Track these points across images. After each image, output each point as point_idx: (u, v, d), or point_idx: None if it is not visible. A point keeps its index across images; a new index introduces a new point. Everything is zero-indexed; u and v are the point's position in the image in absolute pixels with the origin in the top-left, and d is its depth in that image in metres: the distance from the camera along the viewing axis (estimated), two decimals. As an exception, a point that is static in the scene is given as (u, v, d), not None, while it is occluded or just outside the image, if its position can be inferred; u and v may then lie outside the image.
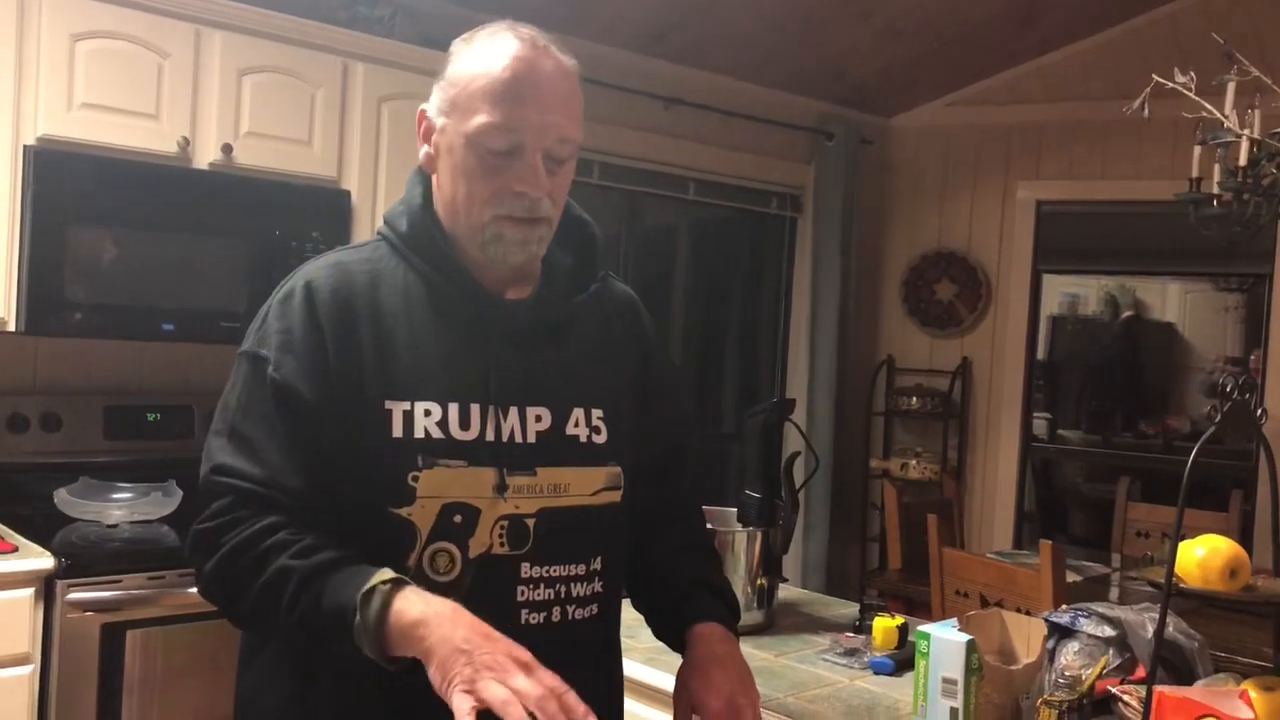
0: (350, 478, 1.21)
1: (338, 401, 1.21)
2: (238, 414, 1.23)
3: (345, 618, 1.10)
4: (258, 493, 1.19)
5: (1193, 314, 7.90)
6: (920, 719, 1.56)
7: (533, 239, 1.27)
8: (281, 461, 1.19)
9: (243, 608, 1.19)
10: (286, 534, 1.17)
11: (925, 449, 4.95)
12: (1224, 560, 1.38)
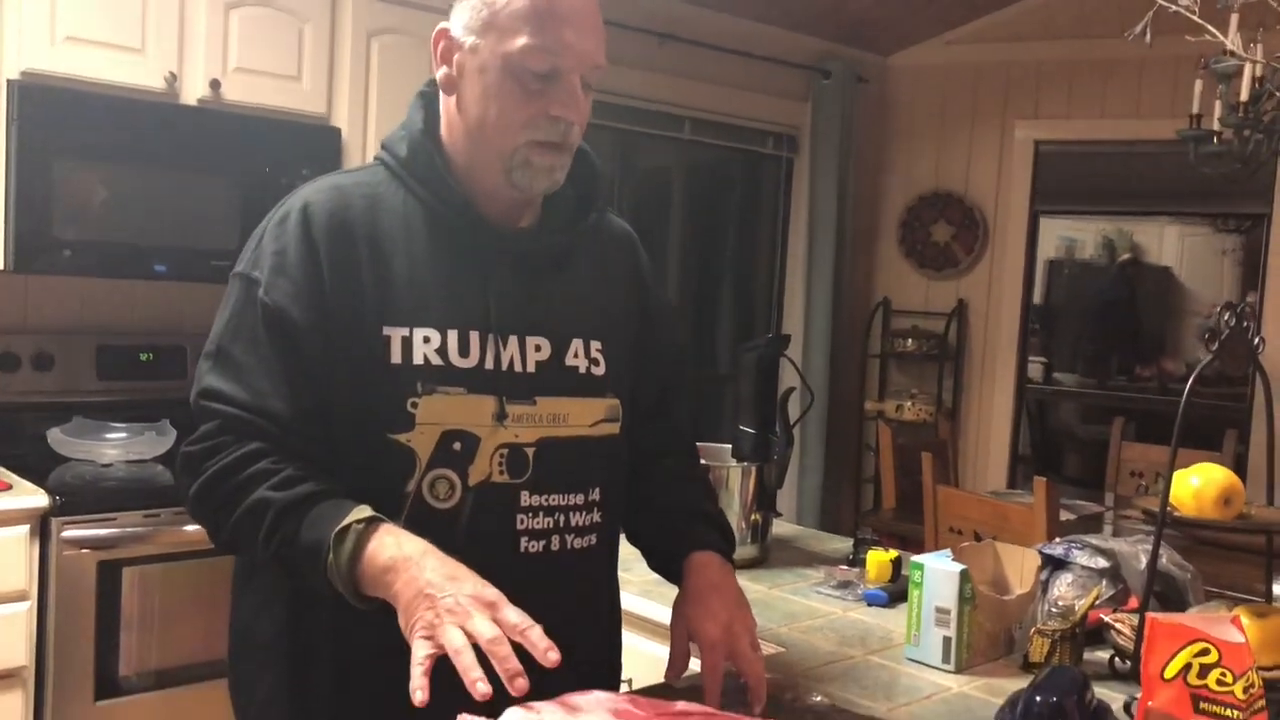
0: (349, 403, 1.20)
1: (335, 326, 1.20)
2: (227, 336, 1.21)
3: (319, 555, 1.10)
4: (242, 418, 1.18)
5: (1190, 257, 7.88)
6: (914, 647, 1.56)
7: (558, 166, 1.26)
8: (268, 386, 1.18)
9: (224, 535, 1.19)
10: (268, 463, 1.16)
11: (920, 391, 4.95)
12: (1219, 489, 1.38)
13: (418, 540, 1.11)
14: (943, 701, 1.42)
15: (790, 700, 1.36)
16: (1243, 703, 1.20)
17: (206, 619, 2.46)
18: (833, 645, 1.63)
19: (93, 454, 2.65)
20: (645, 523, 1.46)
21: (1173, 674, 1.23)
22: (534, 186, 1.26)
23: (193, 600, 2.48)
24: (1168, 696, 1.23)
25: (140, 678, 2.44)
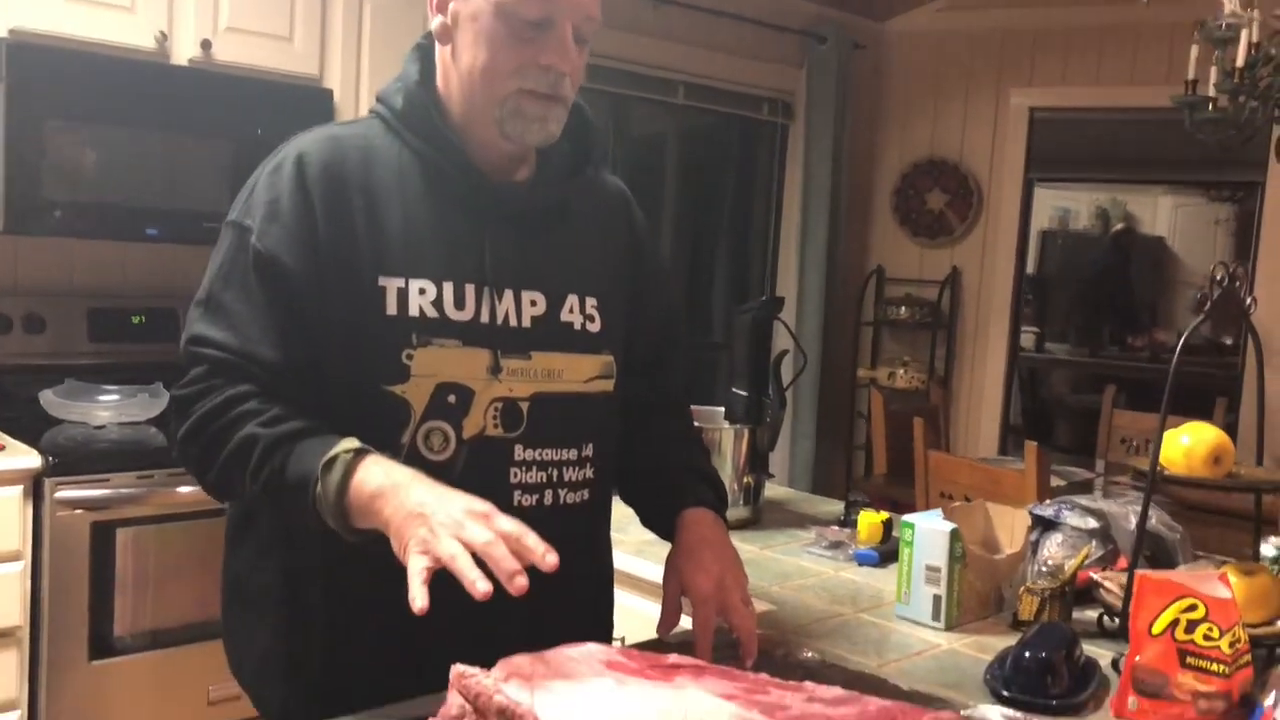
0: (344, 353, 1.20)
1: (329, 275, 1.20)
2: (218, 283, 1.21)
3: (307, 487, 1.10)
4: (230, 362, 1.18)
5: (1183, 227, 7.88)
6: (904, 605, 1.58)
7: (551, 117, 1.25)
8: (257, 332, 1.18)
9: (212, 476, 1.19)
10: (256, 403, 1.16)
11: (913, 359, 4.96)
12: (1209, 448, 1.39)
13: (405, 469, 1.11)
14: (933, 658, 1.43)
15: (781, 656, 1.37)
16: (1229, 657, 1.21)
17: (200, 580, 2.47)
18: (824, 603, 1.64)
19: (85, 416, 2.64)
20: (638, 480, 1.47)
21: (1160, 629, 1.24)
22: (526, 137, 1.25)
23: (187, 561, 2.49)
24: (1155, 651, 1.24)
25: (134, 638, 2.45)
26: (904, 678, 1.33)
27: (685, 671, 1.11)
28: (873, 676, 1.33)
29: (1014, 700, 1.26)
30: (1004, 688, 1.29)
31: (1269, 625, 1.39)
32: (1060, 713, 1.24)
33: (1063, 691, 1.28)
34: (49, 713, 2.34)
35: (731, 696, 1.04)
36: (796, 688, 1.13)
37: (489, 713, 0.94)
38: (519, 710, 0.93)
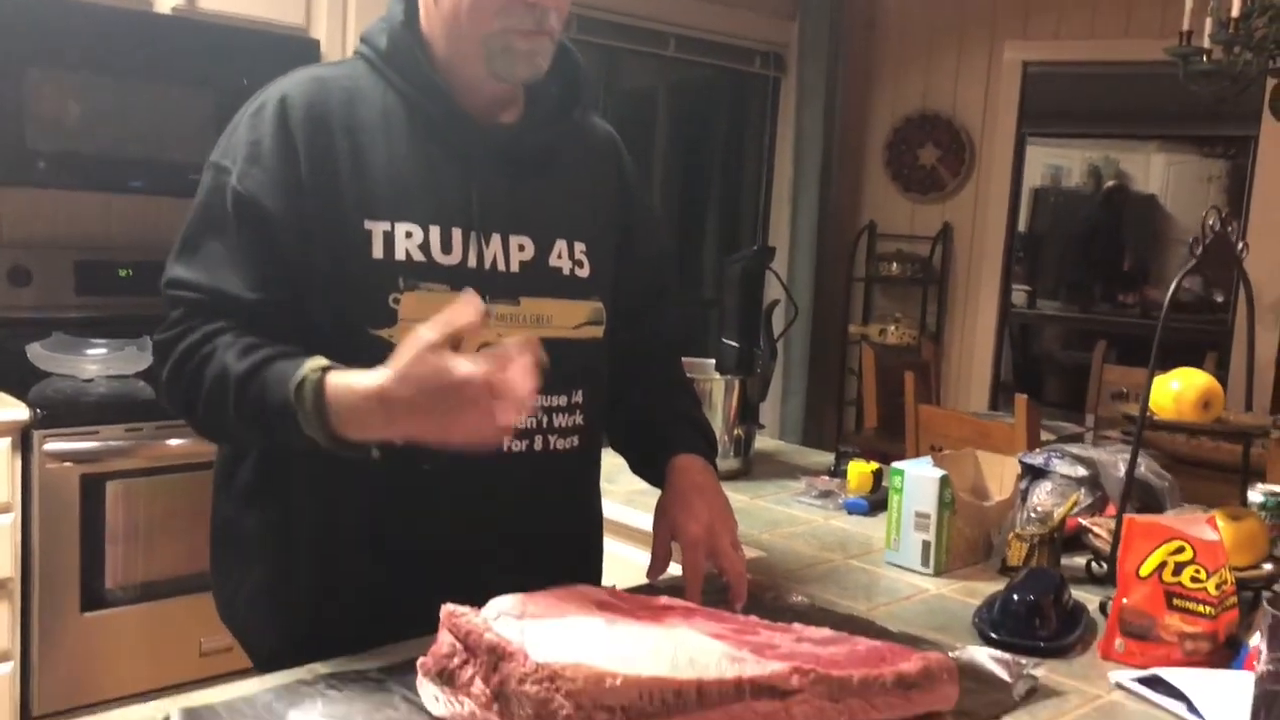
0: (330, 297, 1.19)
1: (313, 218, 1.18)
2: (197, 225, 1.20)
3: (289, 413, 1.08)
4: (206, 303, 1.18)
5: (1176, 185, 7.87)
6: (893, 552, 1.58)
7: (539, 52, 1.24)
8: (234, 273, 1.17)
9: (199, 415, 1.18)
10: (230, 337, 1.15)
11: (904, 315, 4.96)
12: (1198, 392, 1.39)
13: (370, 372, 1.06)
14: (921, 602, 1.44)
15: (771, 599, 1.37)
16: (1215, 599, 1.22)
17: (191, 532, 2.47)
18: (813, 550, 1.65)
19: (74, 369, 2.63)
20: (629, 427, 1.47)
21: (1148, 572, 1.25)
22: (516, 73, 1.24)
23: (177, 513, 2.49)
24: (1142, 594, 1.25)
25: (126, 590, 2.45)
26: (893, 621, 1.34)
27: (676, 613, 1.12)
28: (862, 619, 1.34)
29: (1002, 643, 1.26)
30: (992, 630, 1.30)
31: (1255, 569, 1.40)
32: (1048, 655, 1.25)
33: (1050, 634, 1.29)
34: (42, 664, 2.35)
35: (721, 636, 1.05)
36: (786, 629, 1.14)
37: (479, 650, 0.94)
38: (509, 648, 0.93)
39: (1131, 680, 1.17)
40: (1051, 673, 1.20)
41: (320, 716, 0.99)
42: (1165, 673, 1.16)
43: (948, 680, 1.07)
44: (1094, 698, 1.15)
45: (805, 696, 1.00)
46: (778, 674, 0.99)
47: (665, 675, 0.95)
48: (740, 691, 0.97)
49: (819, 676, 1.01)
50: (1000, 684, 1.15)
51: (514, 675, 0.91)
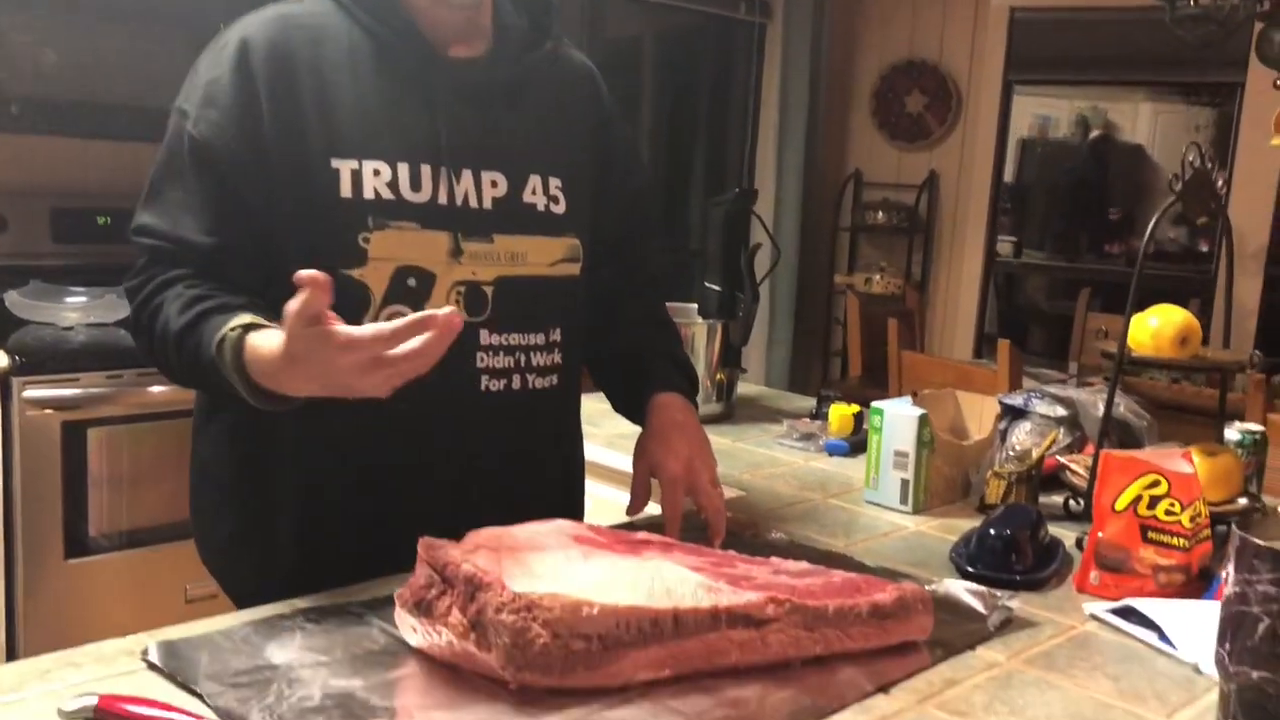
0: (299, 238, 1.18)
1: (277, 159, 1.17)
2: (158, 170, 1.20)
3: (217, 370, 1.07)
4: (166, 249, 1.17)
5: (1162, 135, 7.84)
6: (872, 491, 1.59)
7: None
8: (191, 218, 1.17)
9: (157, 362, 1.18)
10: (182, 287, 1.14)
11: (890, 264, 4.96)
12: (1176, 329, 1.39)
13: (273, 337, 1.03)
14: (900, 539, 1.45)
15: (750, 537, 1.38)
16: (1189, 531, 1.23)
17: (175, 479, 2.46)
18: (793, 490, 1.66)
19: (53, 317, 2.61)
20: (609, 364, 1.46)
21: (1123, 505, 1.25)
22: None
23: (160, 461, 2.48)
24: (1118, 527, 1.26)
25: (109, 538, 2.45)
26: (871, 556, 1.35)
27: (654, 547, 1.12)
28: (840, 554, 1.35)
29: (978, 576, 1.27)
30: (969, 565, 1.31)
31: (1230, 504, 1.41)
32: (1023, 588, 1.26)
33: (1026, 568, 1.30)
34: (26, 610, 2.35)
35: (699, 569, 1.05)
36: (763, 562, 1.15)
37: (456, 581, 0.94)
38: (486, 579, 0.93)
39: (1105, 611, 1.19)
40: (1027, 605, 1.21)
41: (299, 649, 0.99)
42: (1138, 603, 1.17)
43: (923, 611, 1.08)
44: (1068, 628, 1.16)
45: (781, 626, 1.01)
46: (753, 603, 1.00)
47: (642, 605, 0.95)
48: (716, 620, 0.98)
49: (794, 606, 1.01)
50: (975, 615, 1.16)
51: (491, 605, 0.91)
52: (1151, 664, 1.08)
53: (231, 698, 0.89)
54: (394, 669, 0.97)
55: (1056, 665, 1.07)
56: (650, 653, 0.95)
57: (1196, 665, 1.07)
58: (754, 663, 1.00)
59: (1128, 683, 1.04)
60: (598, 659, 0.92)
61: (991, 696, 0.99)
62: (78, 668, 0.95)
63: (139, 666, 0.95)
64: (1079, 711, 0.97)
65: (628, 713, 0.91)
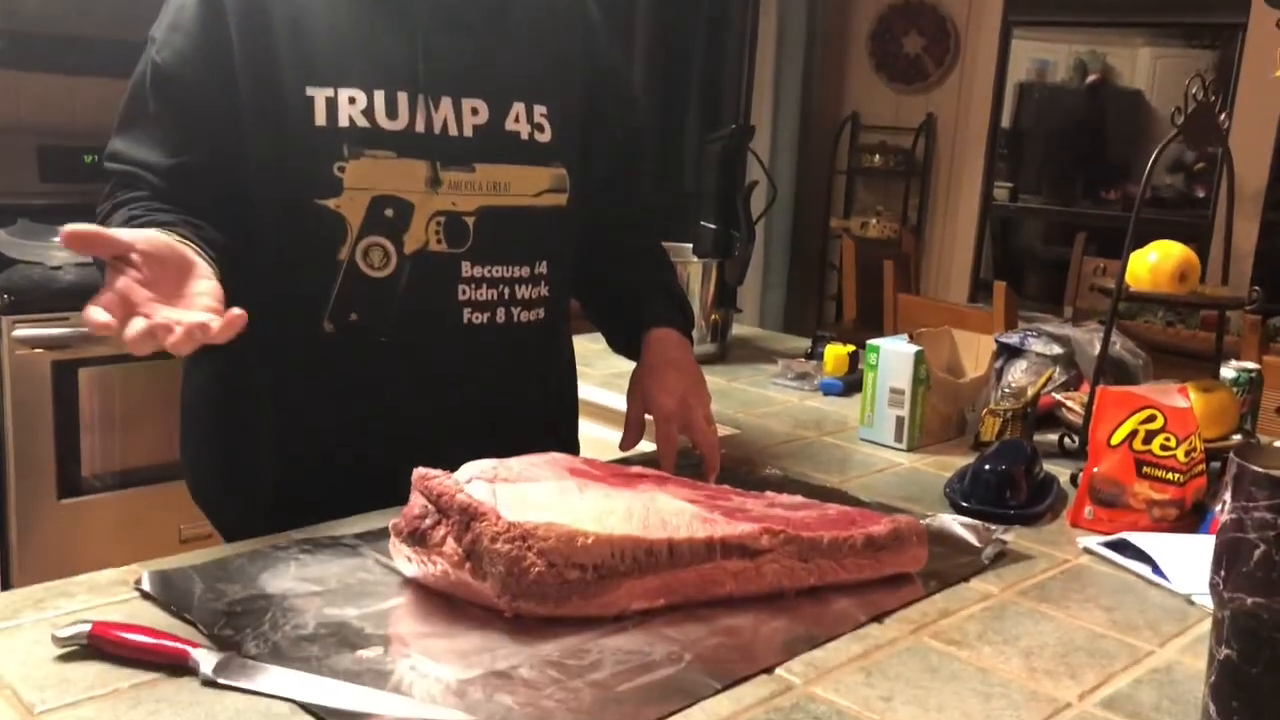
0: (273, 167, 1.16)
1: (249, 87, 1.14)
2: (128, 98, 1.19)
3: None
4: (130, 174, 1.16)
5: (1162, 80, 7.76)
6: (867, 428, 1.59)
7: None
8: (153, 143, 1.15)
9: None
10: (138, 207, 1.12)
11: (886, 208, 4.93)
12: (1175, 263, 1.38)
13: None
14: (894, 475, 1.45)
15: (744, 473, 1.38)
16: (1184, 466, 1.23)
17: (167, 420, 2.42)
18: (788, 428, 1.65)
19: (41, 256, 2.58)
20: (603, 299, 1.45)
21: (1119, 440, 1.25)
22: None
23: (152, 401, 2.48)
24: (1113, 462, 1.26)
25: (102, 478, 2.45)
26: (865, 492, 1.35)
27: (649, 480, 1.12)
28: (835, 490, 1.35)
29: (973, 511, 1.27)
30: (963, 500, 1.31)
31: (1225, 440, 1.41)
32: (1018, 523, 1.26)
33: (1021, 504, 1.30)
34: (20, 549, 2.36)
35: (694, 501, 1.05)
36: (758, 495, 1.15)
37: (451, 511, 0.94)
38: (481, 508, 0.92)
39: (1098, 544, 1.19)
40: (1020, 539, 1.21)
41: (293, 580, 0.99)
42: (1131, 536, 1.17)
43: (917, 543, 1.09)
44: (1062, 561, 1.17)
45: (775, 556, 1.01)
46: (748, 534, 1.00)
47: (637, 535, 0.95)
48: (711, 551, 0.98)
49: (789, 537, 1.01)
50: (970, 548, 1.16)
51: (486, 534, 0.91)
52: (1144, 596, 1.09)
53: (226, 626, 0.89)
54: (388, 599, 0.97)
55: (1050, 597, 1.07)
56: (645, 582, 0.95)
57: (1189, 597, 1.07)
58: (749, 593, 1.00)
59: (1121, 614, 1.04)
60: (593, 588, 0.92)
61: (985, 626, 0.99)
62: (71, 597, 0.94)
63: (132, 595, 0.95)
64: (1072, 641, 0.97)
65: (622, 640, 0.91)
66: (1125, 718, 0.85)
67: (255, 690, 0.80)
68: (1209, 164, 5.31)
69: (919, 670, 0.90)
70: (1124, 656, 0.95)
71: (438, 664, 0.85)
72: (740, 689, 0.85)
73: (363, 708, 0.78)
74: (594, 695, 0.82)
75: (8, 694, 0.78)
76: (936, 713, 0.84)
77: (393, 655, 0.86)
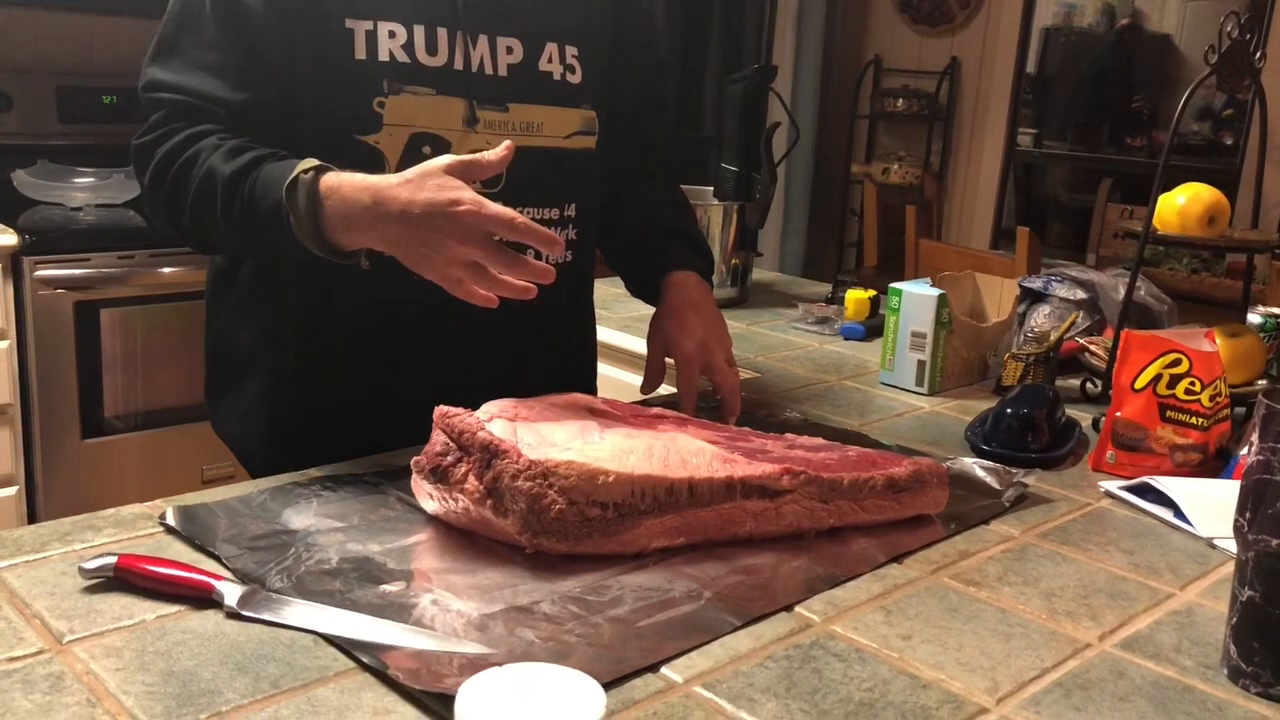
0: (314, 102, 1.15)
1: (294, 16, 1.13)
2: (171, 25, 1.15)
3: (280, 216, 1.04)
4: (188, 104, 1.13)
5: (1191, 24, 7.61)
6: (888, 372, 1.58)
7: None
8: (215, 73, 1.13)
9: (186, 222, 1.13)
10: (215, 139, 1.11)
11: (908, 153, 4.87)
12: (1204, 206, 1.36)
13: (362, 176, 1.03)
14: (915, 418, 1.44)
15: (764, 416, 1.38)
16: (1208, 410, 1.22)
17: (190, 361, 2.47)
18: (808, 372, 1.65)
19: (62, 197, 2.59)
20: (623, 243, 1.44)
21: (1143, 384, 1.24)
22: None
23: (174, 342, 2.49)
24: (1136, 406, 1.25)
25: (124, 419, 2.47)
26: (886, 435, 1.35)
27: (669, 421, 1.12)
28: (855, 433, 1.34)
29: (994, 454, 1.27)
30: (984, 444, 1.30)
31: (1250, 385, 1.40)
32: (1039, 467, 1.25)
33: (1042, 448, 1.29)
34: (46, 489, 2.38)
35: (714, 442, 1.05)
36: (778, 437, 1.14)
37: (473, 448, 0.94)
38: (503, 446, 0.93)
39: (1120, 488, 1.18)
40: (1042, 483, 1.21)
41: (316, 516, 1.00)
42: (1154, 480, 1.16)
43: (937, 485, 1.08)
44: (1083, 505, 1.16)
45: (795, 497, 1.01)
46: (769, 474, 1.00)
47: (658, 474, 0.95)
48: (731, 490, 0.98)
49: (809, 478, 1.01)
50: (990, 491, 1.16)
51: (507, 472, 0.91)
52: (1166, 539, 1.08)
53: (249, 560, 0.90)
54: (410, 535, 0.97)
55: (1071, 539, 1.07)
56: (665, 521, 0.95)
57: (1211, 540, 1.07)
58: (768, 533, 1.00)
59: (1141, 556, 1.04)
60: (613, 526, 0.93)
61: (1005, 568, 0.99)
62: (97, 530, 0.95)
63: (157, 530, 0.96)
64: (1092, 582, 0.97)
65: (642, 578, 0.91)
66: (1146, 658, 0.85)
67: (279, 623, 0.81)
68: (1237, 111, 5.22)
69: (939, 610, 0.90)
70: (1144, 599, 0.95)
71: (460, 599, 0.86)
72: (759, 626, 0.85)
73: (386, 640, 0.78)
74: (614, 630, 0.82)
75: (36, 624, 0.79)
76: (956, 651, 0.84)
77: (415, 590, 0.87)
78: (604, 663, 0.77)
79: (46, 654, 0.76)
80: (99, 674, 0.74)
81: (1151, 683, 0.81)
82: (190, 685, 0.73)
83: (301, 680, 0.74)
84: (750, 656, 0.81)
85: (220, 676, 0.74)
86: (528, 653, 0.78)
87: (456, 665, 0.76)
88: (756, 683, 0.78)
